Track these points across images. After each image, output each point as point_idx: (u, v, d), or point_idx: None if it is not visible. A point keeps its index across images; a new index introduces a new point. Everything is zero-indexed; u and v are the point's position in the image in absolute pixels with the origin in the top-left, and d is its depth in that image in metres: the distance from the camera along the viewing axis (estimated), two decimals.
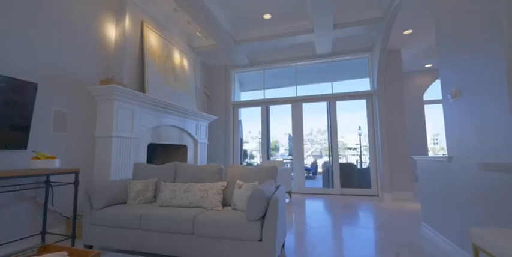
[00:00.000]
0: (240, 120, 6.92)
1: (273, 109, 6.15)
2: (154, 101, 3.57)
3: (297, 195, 5.04)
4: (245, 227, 1.77)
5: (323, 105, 5.54)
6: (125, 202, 2.46)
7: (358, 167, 8.12)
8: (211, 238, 1.87)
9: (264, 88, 5.91)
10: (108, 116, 3.07)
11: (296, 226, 2.98)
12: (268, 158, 5.66)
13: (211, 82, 6.04)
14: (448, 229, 2.14)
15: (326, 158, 7.79)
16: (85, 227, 2.22)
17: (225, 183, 2.29)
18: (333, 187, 5.15)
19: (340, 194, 5.06)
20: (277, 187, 2.34)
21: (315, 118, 6.94)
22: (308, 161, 11.46)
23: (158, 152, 4.61)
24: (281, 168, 4.50)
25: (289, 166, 6.28)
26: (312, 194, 5.16)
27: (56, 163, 2.32)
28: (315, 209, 3.84)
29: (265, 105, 5.79)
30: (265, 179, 2.28)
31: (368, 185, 5.06)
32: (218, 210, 2.14)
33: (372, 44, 5.03)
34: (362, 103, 5.28)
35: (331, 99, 5.34)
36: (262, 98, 5.83)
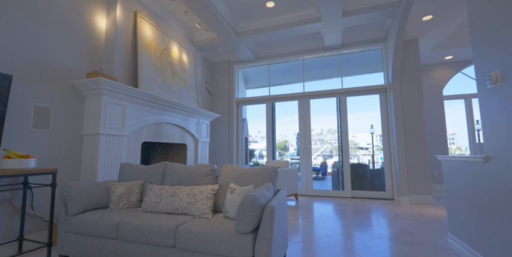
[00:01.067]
0: (245, 119, 6.64)
1: (282, 107, 5.82)
2: (148, 97, 3.33)
3: (304, 198, 4.69)
4: (234, 242, 1.47)
5: (332, 101, 5.16)
6: (107, 207, 2.21)
7: (371, 167, 7.67)
8: (194, 252, 1.57)
9: (270, 84, 5.59)
10: (96, 112, 2.84)
11: (302, 234, 2.65)
12: (274, 158, 5.34)
13: (214, 78, 5.77)
14: (485, 244, 1.76)
15: (337, 159, 7.38)
16: (60, 235, 1.97)
17: (216, 186, 1.99)
18: (343, 189, 4.76)
19: (352, 197, 4.67)
20: (277, 192, 2.02)
21: (325, 117, 6.56)
22: (318, 161, 11.04)
23: (156, 152, 4.38)
24: (286, 169, 4.17)
25: (297, 166, 5.94)
26: (321, 196, 4.80)
27: (31, 163, 2.09)
28: (323, 214, 3.49)
29: (270, 102, 5.46)
30: (263, 182, 1.96)
31: (382, 188, 4.65)
32: (207, 218, 1.84)
33: (386, 34, 4.61)
34: (375, 99, 4.87)
35: (341, 95, 4.96)
36: (267, 94, 5.50)
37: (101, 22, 3.20)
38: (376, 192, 4.63)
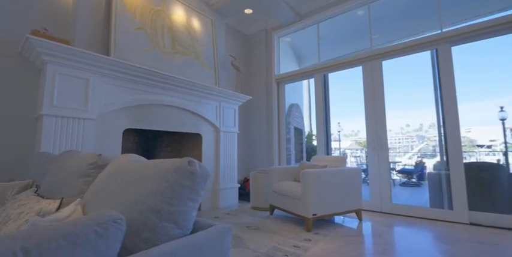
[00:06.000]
0: (296, 105, 5.22)
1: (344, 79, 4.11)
2: (124, 68, 2.47)
3: (376, 216, 2.92)
4: None
5: (423, 61, 3.14)
6: None
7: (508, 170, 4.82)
8: None
9: (319, 49, 3.99)
10: (41, 86, 2.15)
11: None
12: (328, 152, 3.73)
13: (251, 55, 4.61)
14: None
15: (439, 158, 5.06)
16: None
17: (52, 205, 0.81)
18: (451, 207, 2.73)
19: (470, 224, 2.59)
20: (193, 231, 0.67)
21: (413, 85, 4.48)
22: (412, 162, 8.38)
23: (163, 144, 3.53)
24: (334, 169, 2.59)
25: (365, 166, 4.16)
26: (406, 217, 2.90)
27: None
28: None
29: (320, 73, 3.86)
30: (144, 200, 0.66)
31: None
32: None
33: None
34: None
35: (439, 44, 2.91)
36: (317, 62, 3.92)
37: None
38: None
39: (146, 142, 3.25)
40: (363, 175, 4.85)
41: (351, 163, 8.42)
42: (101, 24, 2.55)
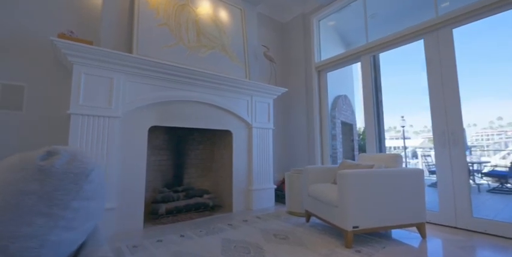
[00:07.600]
0: (344, 96, 4.64)
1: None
2: (146, 64, 2.44)
3: (448, 233, 2.21)
4: None
5: None
6: None
7: None
8: None
9: (367, 27, 3.35)
10: (69, 86, 2.25)
11: None
12: (380, 149, 3.08)
13: (287, 44, 4.24)
14: None
15: None
16: None
17: None
18: None
19: None
20: None
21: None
22: (506, 162, 6.65)
23: (195, 142, 3.43)
24: (390, 170, 2.03)
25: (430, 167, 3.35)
26: (495, 236, 2.11)
27: None
28: None
29: (368, 54, 3.22)
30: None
31: None
32: None
33: None
34: None
35: None
36: (365, 42, 3.29)
37: None
38: None
39: (177, 140, 3.22)
40: (433, 179, 3.93)
41: (422, 163, 7.20)
42: (125, 24, 2.58)
